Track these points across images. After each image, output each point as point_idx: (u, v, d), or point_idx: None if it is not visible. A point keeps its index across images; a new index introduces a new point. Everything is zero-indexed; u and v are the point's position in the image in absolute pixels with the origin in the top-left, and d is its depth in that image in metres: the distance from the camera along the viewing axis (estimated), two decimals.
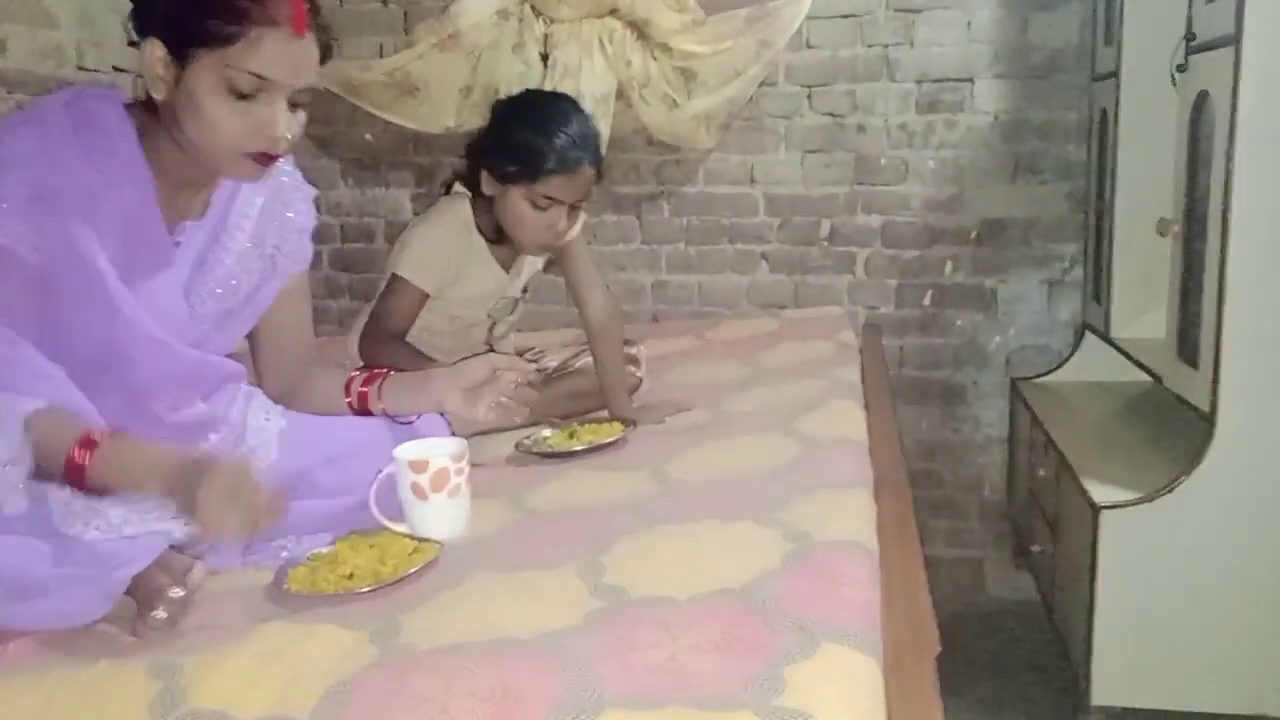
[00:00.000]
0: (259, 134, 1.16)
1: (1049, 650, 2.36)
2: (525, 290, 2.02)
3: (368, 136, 2.94)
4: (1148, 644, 1.88)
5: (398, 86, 2.71)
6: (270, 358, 1.45)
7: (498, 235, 1.84)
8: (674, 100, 2.66)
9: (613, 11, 2.63)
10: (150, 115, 1.20)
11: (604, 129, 2.66)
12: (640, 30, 2.64)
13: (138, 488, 1.07)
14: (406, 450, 1.32)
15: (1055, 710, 2.19)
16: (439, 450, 1.33)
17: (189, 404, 1.29)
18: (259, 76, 1.13)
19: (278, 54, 1.13)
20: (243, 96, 1.14)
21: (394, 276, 1.79)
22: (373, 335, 1.78)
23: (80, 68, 2.50)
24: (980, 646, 2.52)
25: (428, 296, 1.80)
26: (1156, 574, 1.86)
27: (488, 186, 1.77)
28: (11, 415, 1.05)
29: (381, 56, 2.83)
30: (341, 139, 2.98)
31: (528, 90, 1.97)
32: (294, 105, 1.19)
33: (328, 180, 3.01)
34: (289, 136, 1.18)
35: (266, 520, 1.07)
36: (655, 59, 2.65)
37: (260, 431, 1.35)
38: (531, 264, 1.98)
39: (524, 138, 1.71)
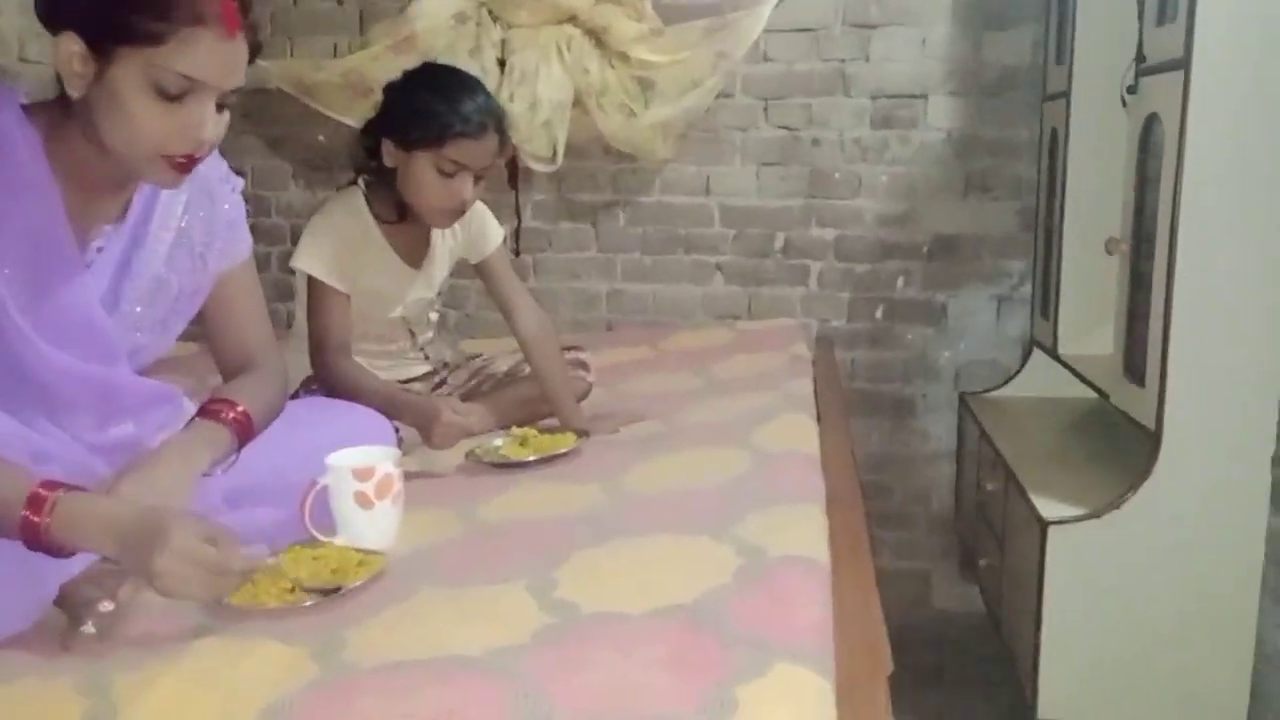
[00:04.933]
0: (184, 136, 1.10)
1: (995, 663, 2.37)
2: (440, 294, 2.00)
3: (320, 137, 2.88)
4: (1094, 658, 1.90)
5: (351, 88, 2.66)
6: (225, 354, 1.39)
7: (396, 216, 1.81)
8: (631, 109, 2.64)
9: (571, 19, 2.61)
10: (59, 114, 1.13)
11: (561, 136, 2.65)
12: (598, 38, 2.62)
13: (93, 546, 1.04)
14: (344, 457, 1.28)
15: None
16: (377, 456, 1.29)
17: (115, 424, 1.23)
18: (188, 78, 1.08)
19: (209, 55, 1.08)
20: (170, 98, 1.08)
21: (310, 291, 1.76)
22: (320, 360, 1.75)
23: (22, 59, 2.42)
24: (926, 659, 2.52)
25: (347, 297, 1.77)
26: (1103, 589, 1.88)
27: (390, 159, 1.75)
28: None
29: (336, 56, 2.79)
30: (293, 139, 2.92)
31: (426, 62, 1.95)
32: (220, 106, 1.14)
33: (279, 181, 2.95)
34: (213, 139, 1.14)
35: (230, 583, 1.05)
36: (613, 67, 2.63)
37: None
38: (440, 264, 1.95)
39: (431, 103, 1.71)
